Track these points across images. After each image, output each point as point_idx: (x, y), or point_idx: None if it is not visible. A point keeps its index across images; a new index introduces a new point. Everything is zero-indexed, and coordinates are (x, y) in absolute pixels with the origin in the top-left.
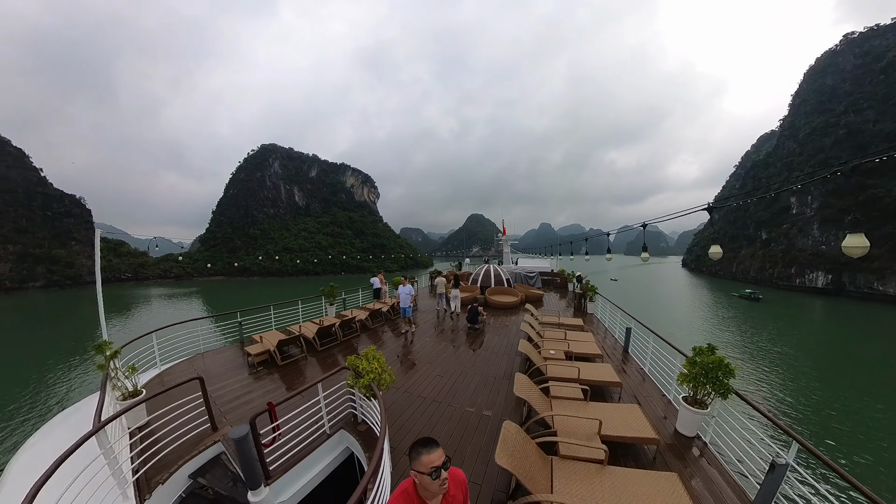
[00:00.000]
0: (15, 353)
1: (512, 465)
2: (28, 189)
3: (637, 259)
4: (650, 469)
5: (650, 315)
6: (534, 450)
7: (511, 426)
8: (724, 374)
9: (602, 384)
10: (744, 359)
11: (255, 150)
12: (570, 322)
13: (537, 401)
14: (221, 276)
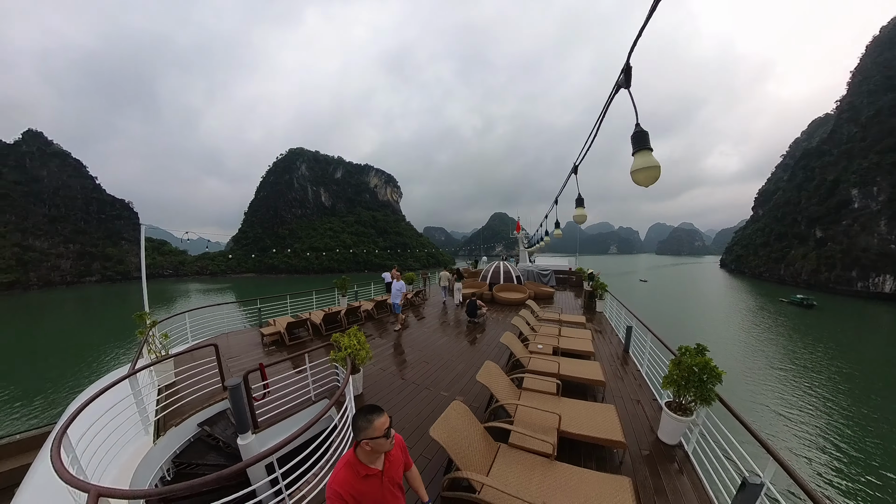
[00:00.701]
0: (84, 335)
1: (445, 441)
2: (85, 195)
3: (670, 259)
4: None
5: (681, 322)
6: (479, 433)
7: (459, 406)
8: (710, 379)
9: (584, 382)
10: (791, 377)
11: (284, 154)
12: (571, 319)
13: (504, 389)
14: (252, 273)
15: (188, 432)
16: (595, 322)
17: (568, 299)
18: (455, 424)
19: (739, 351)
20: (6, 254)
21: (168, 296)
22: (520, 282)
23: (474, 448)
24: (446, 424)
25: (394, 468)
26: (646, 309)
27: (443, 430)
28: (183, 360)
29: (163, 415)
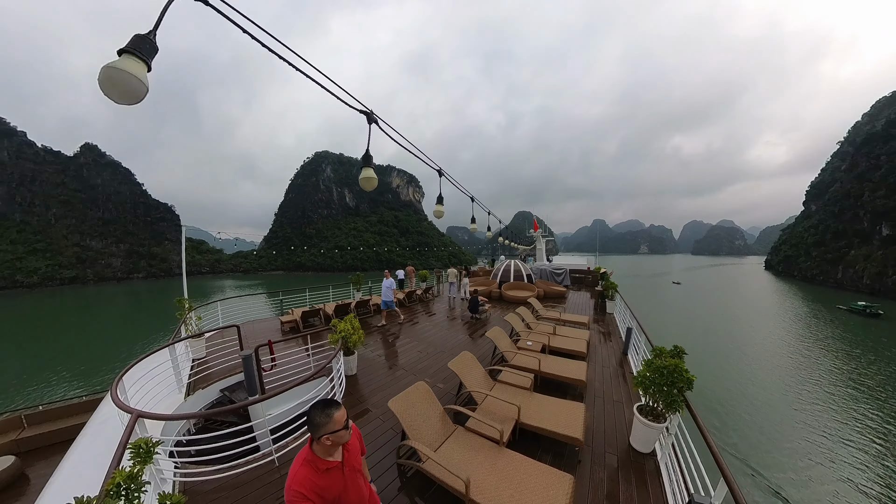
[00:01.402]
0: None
1: (401, 413)
2: (133, 200)
3: (707, 259)
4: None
5: (718, 329)
6: (438, 413)
7: (422, 386)
8: (678, 383)
9: (564, 380)
10: (852, 403)
11: (310, 157)
12: (573, 319)
13: (477, 379)
14: (281, 270)
15: (212, 395)
16: (604, 323)
17: (582, 299)
18: (414, 401)
19: (787, 367)
20: (68, 252)
21: (205, 290)
22: (530, 280)
23: (429, 425)
24: (405, 400)
25: (353, 457)
26: (677, 314)
27: (401, 404)
28: (213, 339)
29: (193, 379)
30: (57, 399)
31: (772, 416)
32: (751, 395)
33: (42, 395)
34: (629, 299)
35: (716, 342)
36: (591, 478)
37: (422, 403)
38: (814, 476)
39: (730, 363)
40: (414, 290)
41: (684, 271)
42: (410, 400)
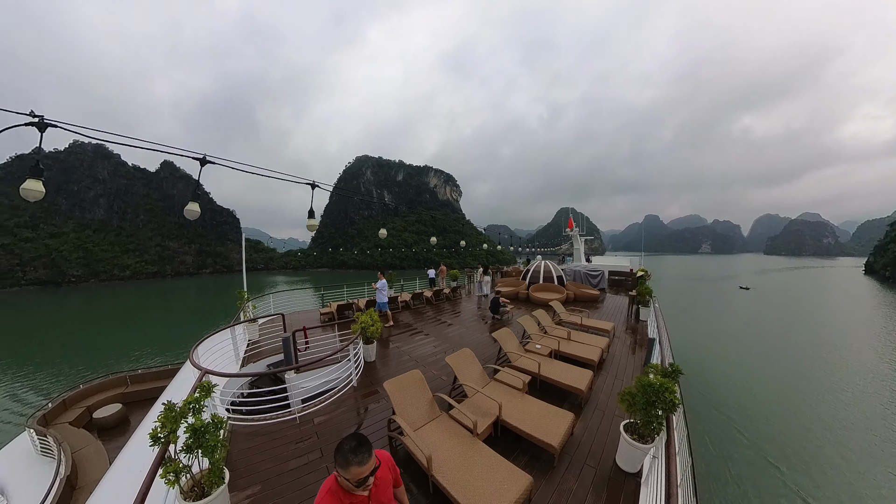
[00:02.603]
0: (207, 308)
1: (392, 393)
2: (202, 206)
3: (785, 260)
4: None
5: (801, 353)
6: (427, 399)
7: (416, 373)
8: (660, 406)
9: (562, 387)
10: None
11: (351, 161)
12: (596, 325)
13: (472, 375)
14: (326, 267)
15: (259, 368)
16: (635, 332)
17: (618, 304)
18: (406, 385)
19: None
20: (152, 251)
21: (259, 285)
22: (561, 282)
23: (417, 407)
24: (399, 383)
25: (381, 491)
26: (742, 327)
27: (394, 386)
28: (265, 325)
29: (247, 355)
30: (151, 365)
31: None
32: (849, 443)
33: (140, 362)
34: (682, 305)
35: (794, 367)
36: (559, 486)
37: (413, 388)
38: None
39: (814, 397)
40: (442, 289)
41: (755, 274)
42: (403, 384)
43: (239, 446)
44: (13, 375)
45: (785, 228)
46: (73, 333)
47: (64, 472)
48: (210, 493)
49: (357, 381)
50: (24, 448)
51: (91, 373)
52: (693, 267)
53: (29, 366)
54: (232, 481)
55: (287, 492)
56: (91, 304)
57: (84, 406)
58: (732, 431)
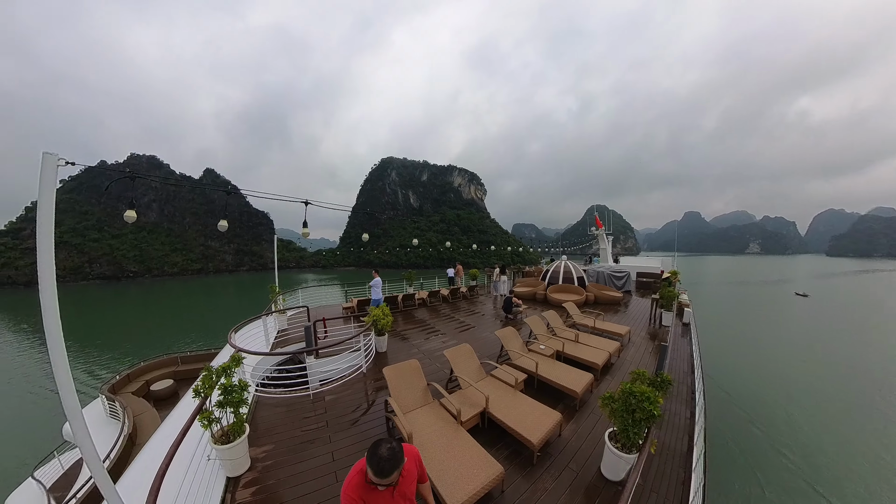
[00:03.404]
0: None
1: (389, 378)
2: (240, 209)
3: (852, 263)
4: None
5: (879, 379)
6: (422, 386)
7: (414, 363)
8: (640, 413)
9: (558, 387)
10: None
11: (377, 163)
12: (609, 328)
13: (469, 369)
14: (353, 266)
15: (284, 352)
16: (654, 337)
17: (642, 308)
18: (403, 372)
19: None
20: (197, 250)
21: (290, 282)
22: (582, 283)
23: (411, 392)
24: (397, 370)
25: (406, 483)
26: (798, 341)
27: (393, 372)
28: (294, 316)
29: (276, 341)
30: (197, 349)
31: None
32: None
33: (188, 346)
34: (724, 312)
35: (865, 397)
36: (535, 483)
37: (410, 375)
38: None
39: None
40: (458, 288)
41: (815, 279)
42: (401, 370)
43: (262, 413)
44: (87, 353)
45: (853, 226)
46: (132, 321)
47: (126, 430)
48: (233, 441)
49: (367, 368)
50: (97, 410)
51: (149, 353)
52: (739, 269)
53: (98, 346)
54: (254, 438)
55: (292, 452)
56: (146, 296)
57: (143, 380)
58: (783, 471)
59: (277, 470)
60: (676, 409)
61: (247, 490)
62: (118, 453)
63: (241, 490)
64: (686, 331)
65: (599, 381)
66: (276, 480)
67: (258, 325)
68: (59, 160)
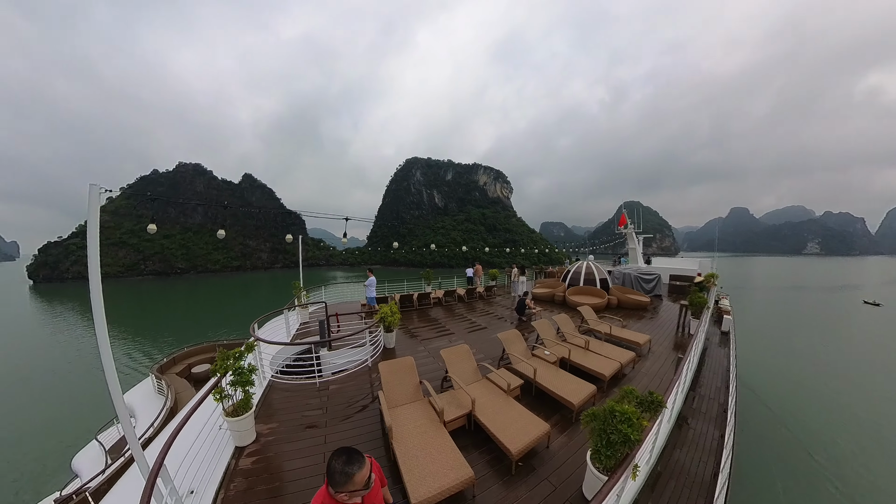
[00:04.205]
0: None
1: (384, 374)
2: (275, 211)
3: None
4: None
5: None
6: (413, 383)
7: (409, 360)
8: (618, 438)
9: (556, 398)
10: None
11: (402, 164)
12: (626, 336)
13: (464, 370)
14: (379, 264)
15: (304, 346)
16: (680, 348)
17: (671, 314)
18: (397, 368)
19: None
20: (236, 249)
21: (320, 278)
22: (605, 286)
23: (402, 388)
24: (391, 366)
25: (373, 494)
26: (871, 361)
27: (387, 368)
28: (315, 311)
29: (297, 332)
30: (234, 337)
31: None
32: None
33: (226, 334)
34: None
35: None
36: (509, 492)
37: (403, 372)
38: None
39: None
40: (475, 288)
41: (890, 285)
42: (394, 367)
43: (275, 396)
44: (141, 338)
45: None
46: (179, 312)
47: (169, 404)
48: (241, 415)
49: (372, 362)
50: (147, 387)
51: (192, 340)
52: (794, 271)
53: (150, 333)
54: (264, 416)
55: (292, 431)
56: (191, 290)
57: (186, 363)
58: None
59: (277, 445)
60: (704, 428)
61: (249, 458)
62: (161, 422)
63: (245, 458)
64: (724, 341)
65: (606, 393)
66: (273, 454)
67: (280, 318)
68: (101, 190)
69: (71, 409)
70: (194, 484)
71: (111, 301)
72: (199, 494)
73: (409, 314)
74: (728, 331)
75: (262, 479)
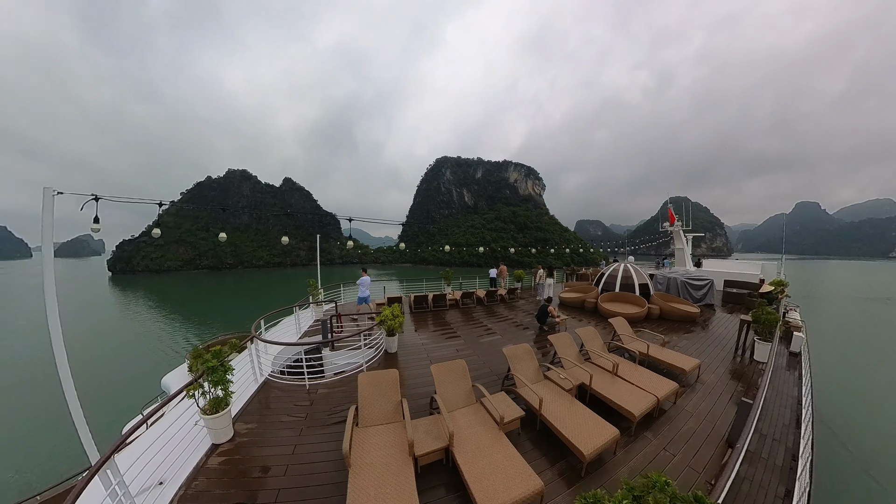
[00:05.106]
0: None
1: (361, 385)
2: (312, 211)
3: None
4: None
5: None
6: (394, 401)
7: (393, 373)
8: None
9: (563, 438)
10: None
11: (432, 164)
12: (668, 359)
13: (453, 391)
14: (409, 263)
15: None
16: (739, 378)
17: (727, 330)
18: (378, 381)
19: None
20: (278, 247)
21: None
22: (645, 292)
23: (380, 405)
24: (372, 377)
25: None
26: None
27: (366, 380)
28: (329, 309)
29: (308, 329)
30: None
31: None
32: None
33: None
34: (863, 340)
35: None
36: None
37: (385, 386)
38: None
39: None
40: (496, 290)
41: None
42: (375, 380)
43: (268, 395)
44: (191, 324)
45: None
46: (226, 302)
47: None
48: (216, 413)
49: (368, 367)
50: (183, 371)
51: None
52: (883, 278)
53: (198, 320)
54: (247, 414)
55: (268, 434)
56: (238, 283)
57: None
58: None
59: (249, 447)
60: (763, 479)
61: (220, 457)
62: None
63: (216, 456)
64: (794, 363)
65: (633, 437)
66: (242, 456)
67: (291, 315)
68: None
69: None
70: (167, 475)
71: (173, 290)
72: (165, 488)
73: (422, 316)
74: (799, 352)
75: (223, 482)
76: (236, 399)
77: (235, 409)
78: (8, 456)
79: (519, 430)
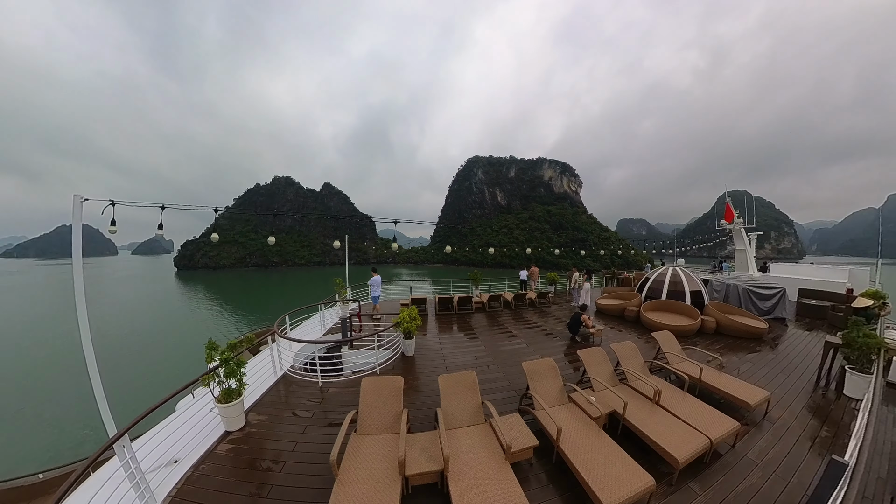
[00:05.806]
0: None
1: (363, 391)
2: (349, 213)
3: None
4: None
5: None
6: (395, 411)
7: (398, 380)
8: None
9: (581, 482)
10: None
11: (463, 164)
12: (727, 388)
13: (459, 407)
14: (441, 263)
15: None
16: (823, 417)
17: (809, 352)
18: (381, 387)
19: None
20: (318, 247)
21: (387, 275)
22: (699, 302)
23: (381, 414)
24: (376, 382)
25: None
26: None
27: (369, 385)
28: (355, 307)
29: (332, 327)
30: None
31: None
32: None
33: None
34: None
35: None
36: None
37: (387, 392)
38: None
39: None
40: (525, 294)
41: None
42: (380, 385)
43: (284, 388)
44: (239, 316)
45: None
46: (270, 296)
47: None
48: (230, 402)
49: (381, 370)
50: None
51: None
52: None
53: (243, 313)
54: (261, 405)
55: (276, 427)
56: (283, 280)
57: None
58: None
59: (257, 438)
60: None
61: (229, 444)
62: None
63: (226, 443)
64: (893, 396)
65: (673, 489)
66: (248, 445)
67: (317, 312)
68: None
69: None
70: (181, 454)
71: (228, 285)
72: (177, 468)
73: (446, 319)
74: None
75: (226, 469)
76: (254, 390)
77: (253, 399)
78: None
79: (531, 461)
